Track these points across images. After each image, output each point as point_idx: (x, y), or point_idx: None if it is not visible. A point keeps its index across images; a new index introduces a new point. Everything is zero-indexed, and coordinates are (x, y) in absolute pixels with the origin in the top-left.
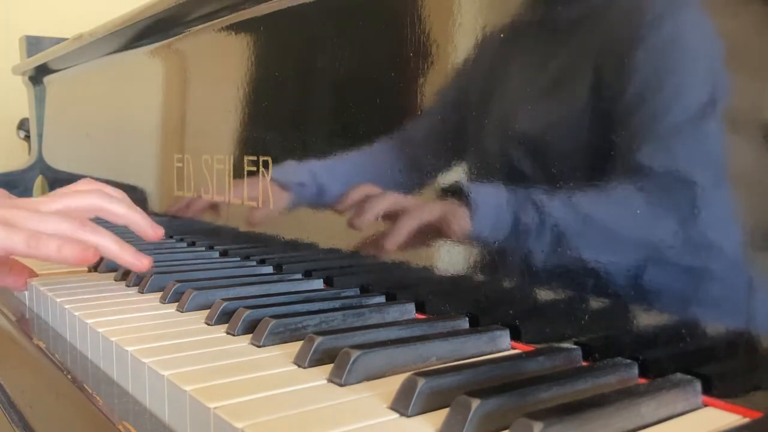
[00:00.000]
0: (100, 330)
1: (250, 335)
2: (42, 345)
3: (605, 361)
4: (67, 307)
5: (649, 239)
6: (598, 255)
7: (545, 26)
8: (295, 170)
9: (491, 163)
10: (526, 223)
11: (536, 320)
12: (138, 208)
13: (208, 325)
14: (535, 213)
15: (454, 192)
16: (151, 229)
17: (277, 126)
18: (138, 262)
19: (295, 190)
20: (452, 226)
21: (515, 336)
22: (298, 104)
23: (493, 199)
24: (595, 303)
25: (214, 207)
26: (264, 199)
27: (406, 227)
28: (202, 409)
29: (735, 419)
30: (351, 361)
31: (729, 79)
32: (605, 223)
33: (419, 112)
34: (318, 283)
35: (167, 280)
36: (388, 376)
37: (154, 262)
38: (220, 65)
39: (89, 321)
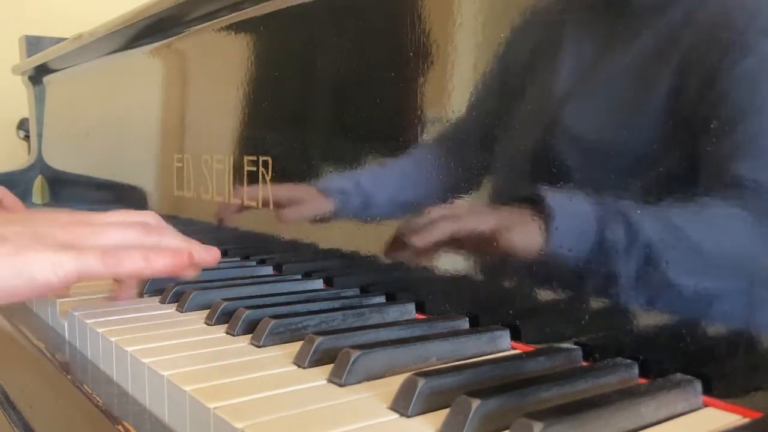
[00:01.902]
0: (100, 330)
1: (250, 335)
2: (42, 345)
3: (605, 361)
4: (66, 307)
5: (650, 240)
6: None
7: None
8: (295, 170)
9: (490, 162)
10: (527, 224)
11: (536, 320)
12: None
13: (208, 325)
14: (536, 213)
15: (454, 192)
16: (208, 255)
17: (277, 126)
18: (210, 256)
19: (296, 189)
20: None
21: (515, 336)
22: (298, 104)
23: (492, 199)
24: (596, 303)
25: (213, 207)
26: (264, 198)
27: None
28: (202, 409)
29: (735, 419)
30: (351, 361)
31: None
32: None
33: (419, 112)
34: (318, 283)
35: (167, 280)
36: (388, 376)
37: None
38: (220, 65)
39: (89, 321)
